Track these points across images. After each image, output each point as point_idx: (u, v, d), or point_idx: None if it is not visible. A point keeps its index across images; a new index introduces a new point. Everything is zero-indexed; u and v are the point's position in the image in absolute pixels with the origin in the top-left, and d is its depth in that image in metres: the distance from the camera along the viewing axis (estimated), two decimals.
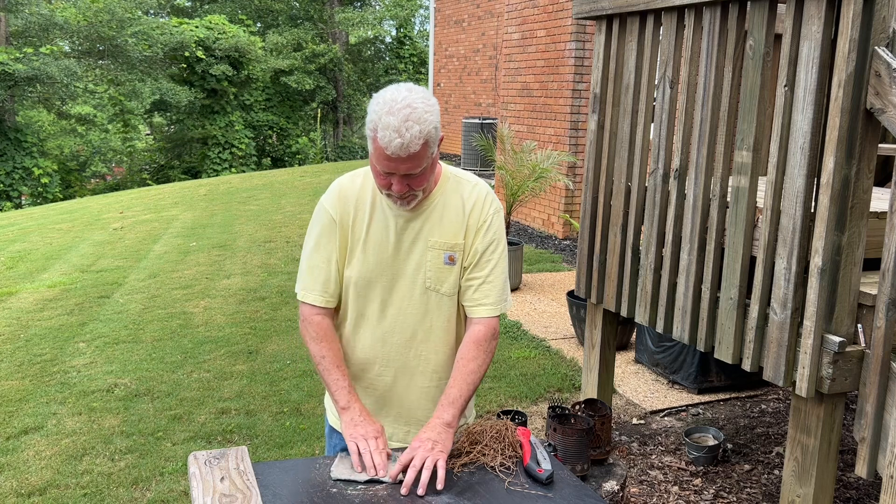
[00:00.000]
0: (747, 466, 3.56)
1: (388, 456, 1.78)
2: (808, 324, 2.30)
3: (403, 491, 1.65)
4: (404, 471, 1.70)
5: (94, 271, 7.55)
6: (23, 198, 19.99)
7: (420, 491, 1.64)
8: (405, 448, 1.81)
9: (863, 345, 2.30)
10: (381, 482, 1.70)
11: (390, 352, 1.93)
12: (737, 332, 2.57)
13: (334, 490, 1.66)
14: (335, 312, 1.99)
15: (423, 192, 1.81)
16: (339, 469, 1.74)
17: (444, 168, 1.94)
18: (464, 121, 12.09)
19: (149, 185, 21.32)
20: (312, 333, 1.91)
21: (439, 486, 1.66)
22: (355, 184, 1.92)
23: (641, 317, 3.10)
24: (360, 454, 1.74)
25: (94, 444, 3.77)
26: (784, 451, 2.74)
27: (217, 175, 22.28)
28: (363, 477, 1.71)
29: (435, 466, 1.69)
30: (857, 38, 2.14)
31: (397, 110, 1.67)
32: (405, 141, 1.66)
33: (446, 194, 1.90)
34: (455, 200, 1.90)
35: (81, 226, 10.68)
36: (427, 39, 22.97)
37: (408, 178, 1.74)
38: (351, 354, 1.97)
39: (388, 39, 28.72)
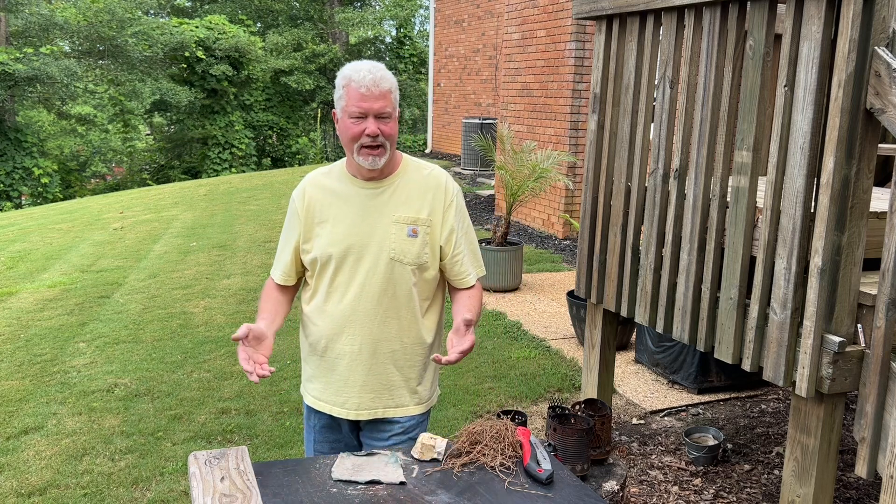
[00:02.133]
0: (747, 466, 3.56)
1: (364, 452, 1.79)
2: (808, 324, 2.30)
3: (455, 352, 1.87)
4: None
5: (94, 271, 7.55)
6: (23, 198, 19.98)
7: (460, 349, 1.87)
8: (374, 420, 2.14)
9: (863, 345, 2.30)
10: (381, 482, 1.70)
11: (358, 321, 2.09)
12: (737, 332, 2.58)
13: (334, 490, 1.67)
14: (295, 291, 2.27)
15: (390, 146, 2.02)
16: (340, 469, 1.74)
17: (404, 155, 2.18)
18: (464, 121, 12.10)
19: (149, 185, 21.33)
20: (263, 294, 2.22)
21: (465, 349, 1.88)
22: (321, 173, 2.18)
23: (641, 317, 3.10)
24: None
25: (94, 444, 3.77)
26: (784, 451, 2.74)
27: (217, 175, 22.27)
28: (363, 477, 1.71)
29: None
30: (857, 38, 2.14)
31: (363, 62, 2.00)
32: (376, 76, 1.95)
33: (407, 174, 2.13)
34: (416, 179, 2.13)
35: (81, 226, 10.69)
36: (427, 39, 22.96)
37: (379, 122, 1.97)
38: (320, 328, 2.14)
39: (388, 39, 28.70)
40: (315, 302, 2.15)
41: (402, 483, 1.70)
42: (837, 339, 2.25)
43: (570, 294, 5.14)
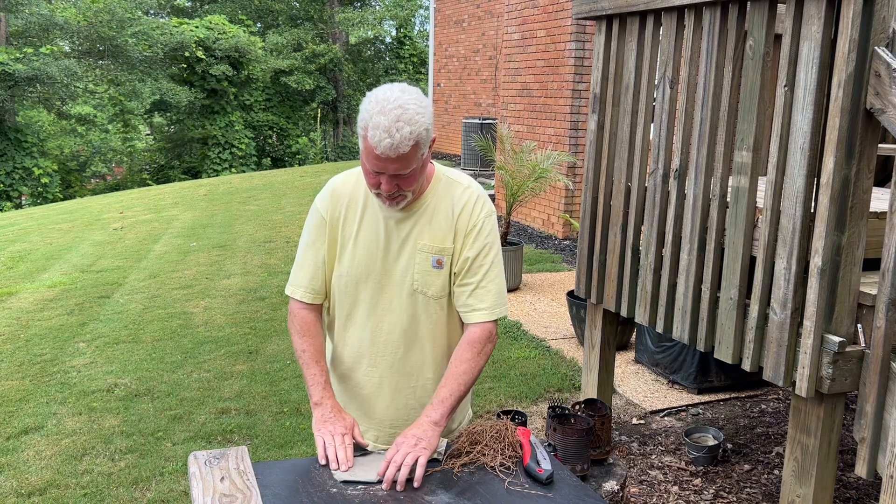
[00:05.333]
0: (747, 466, 3.56)
1: (360, 451, 1.81)
2: (808, 324, 2.30)
3: (384, 486, 1.67)
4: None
5: (94, 271, 7.55)
6: (23, 198, 19.98)
7: (399, 487, 1.67)
8: None
9: (863, 345, 2.30)
10: (371, 483, 1.70)
11: (378, 352, 1.94)
12: (737, 332, 2.57)
13: (334, 490, 1.66)
14: (322, 310, 2.02)
15: (412, 193, 1.81)
16: (340, 472, 1.74)
17: (438, 169, 1.94)
18: (464, 121, 12.10)
19: (149, 185, 21.33)
20: (297, 327, 1.95)
21: (416, 484, 1.67)
22: (348, 183, 1.94)
23: (641, 317, 3.10)
24: (325, 448, 1.77)
25: (94, 444, 3.77)
26: (784, 451, 2.74)
27: (217, 175, 22.28)
28: (370, 477, 1.70)
29: (415, 463, 1.70)
30: (856, 38, 2.14)
31: (389, 110, 1.67)
32: (395, 142, 1.66)
33: (438, 196, 1.89)
34: (446, 203, 1.89)
35: (81, 226, 10.68)
36: (427, 39, 22.97)
37: (397, 179, 1.74)
38: (340, 353, 2.00)
39: (388, 39, 28.71)
40: (334, 329, 2.00)
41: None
42: (837, 339, 2.25)
43: (570, 294, 5.14)
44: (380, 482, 1.70)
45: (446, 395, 1.82)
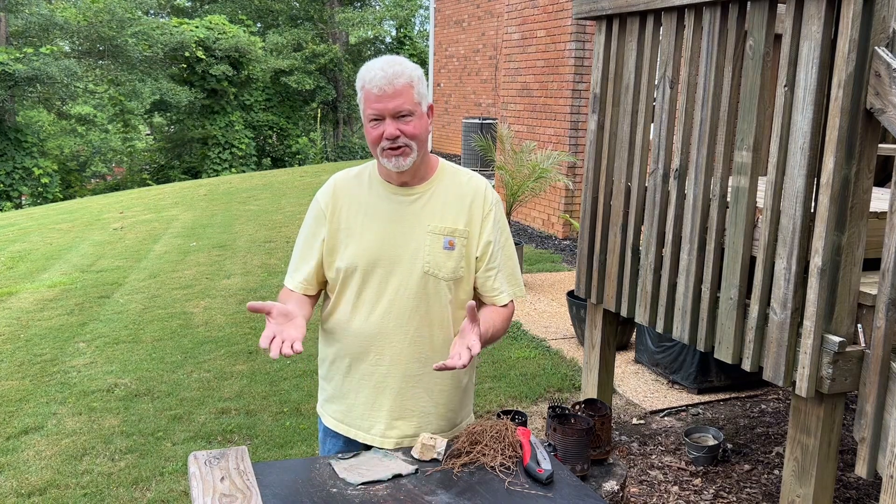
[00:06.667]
0: (747, 466, 3.56)
1: (361, 450, 1.82)
2: (808, 324, 2.30)
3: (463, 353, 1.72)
4: None
5: (94, 271, 7.55)
6: (23, 198, 19.98)
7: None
8: (401, 448, 1.88)
9: (863, 345, 2.30)
10: (382, 482, 1.70)
11: (386, 338, 1.93)
12: (737, 332, 2.57)
13: (334, 490, 1.67)
14: (318, 300, 2.08)
15: (416, 147, 1.85)
16: (346, 473, 1.73)
17: (441, 160, 2.02)
18: (464, 121, 12.09)
19: (149, 185, 21.33)
20: (280, 298, 2.02)
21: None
22: (350, 175, 2.02)
23: (641, 317, 3.10)
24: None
25: (94, 444, 3.77)
26: (784, 451, 2.74)
27: (217, 175, 22.28)
28: (381, 475, 1.71)
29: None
30: (857, 38, 2.14)
31: (381, 59, 1.86)
32: (388, 74, 1.80)
33: (444, 182, 1.98)
34: (453, 188, 1.97)
35: (81, 226, 10.69)
36: (427, 39, 22.96)
37: (398, 122, 1.82)
38: (345, 342, 1.98)
39: (388, 39, 28.71)
40: (337, 317, 1.98)
41: (413, 472, 1.71)
42: (837, 339, 2.25)
43: (570, 294, 5.14)
44: (391, 479, 1.71)
45: (484, 329, 1.85)
